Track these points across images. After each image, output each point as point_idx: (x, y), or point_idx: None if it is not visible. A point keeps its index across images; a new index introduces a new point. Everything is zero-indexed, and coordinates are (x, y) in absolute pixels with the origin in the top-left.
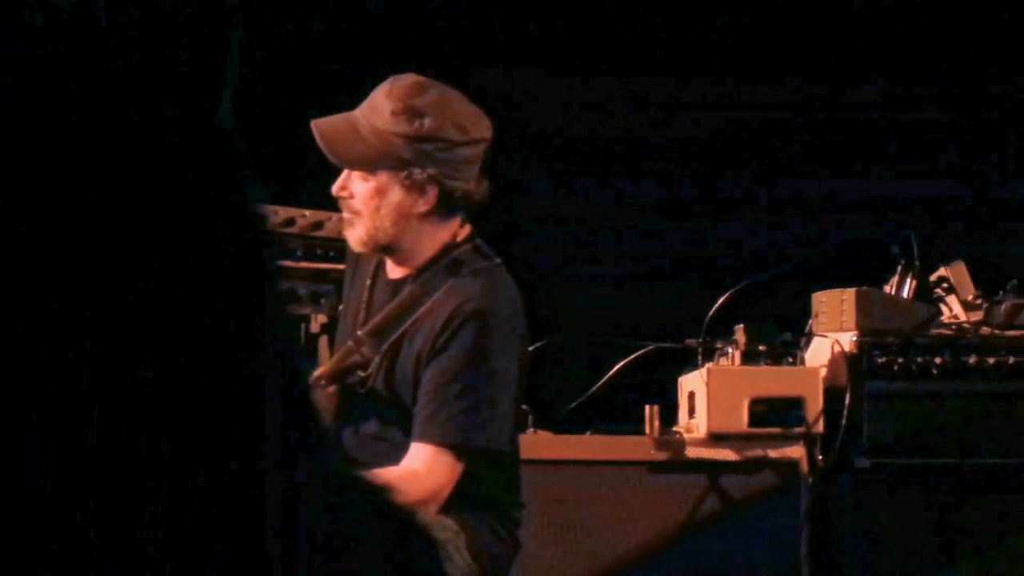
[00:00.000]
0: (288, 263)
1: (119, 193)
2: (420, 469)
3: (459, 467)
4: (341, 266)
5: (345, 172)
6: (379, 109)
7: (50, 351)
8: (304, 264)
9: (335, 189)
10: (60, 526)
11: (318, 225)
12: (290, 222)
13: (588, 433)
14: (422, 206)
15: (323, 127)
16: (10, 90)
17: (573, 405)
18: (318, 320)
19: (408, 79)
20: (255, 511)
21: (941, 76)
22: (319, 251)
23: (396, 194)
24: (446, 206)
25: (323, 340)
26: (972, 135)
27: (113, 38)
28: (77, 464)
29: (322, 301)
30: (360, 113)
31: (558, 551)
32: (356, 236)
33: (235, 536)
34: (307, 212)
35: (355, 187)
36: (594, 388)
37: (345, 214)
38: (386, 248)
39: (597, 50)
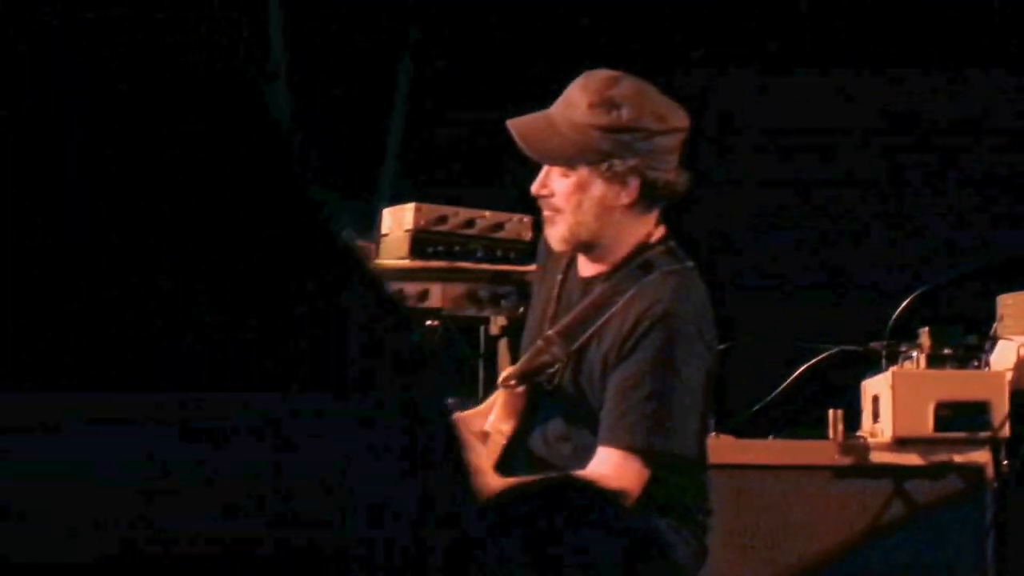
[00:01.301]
0: (468, 264)
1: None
2: (607, 473)
3: (646, 472)
4: (522, 268)
5: (544, 170)
6: (575, 103)
7: None
8: (485, 266)
9: (535, 188)
10: None
11: (499, 227)
12: (470, 223)
13: (771, 437)
14: (624, 198)
15: (519, 125)
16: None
17: (756, 408)
18: (498, 322)
19: (602, 73)
20: None
21: None
22: (499, 253)
23: (598, 187)
24: (648, 198)
25: (503, 343)
26: None
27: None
28: None
29: (502, 303)
30: (556, 110)
31: (740, 557)
32: (558, 234)
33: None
34: (487, 213)
35: (555, 184)
36: (777, 391)
37: (546, 212)
38: (586, 245)
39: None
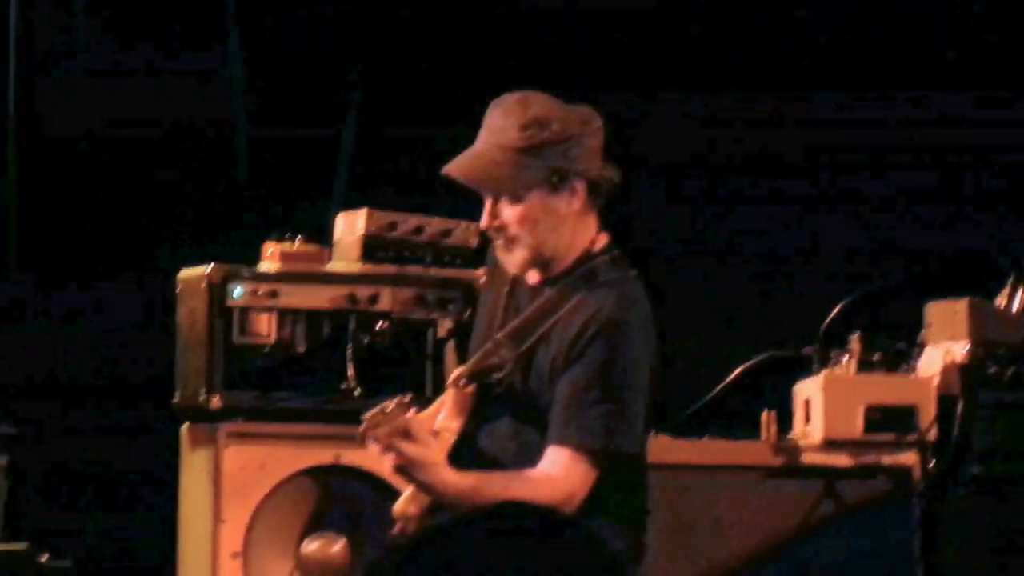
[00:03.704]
0: (417, 269)
1: None
2: (556, 473)
3: (594, 472)
4: (469, 273)
5: (488, 204)
6: (504, 129)
7: None
8: (433, 271)
9: (485, 223)
10: None
11: (446, 233)
12: (419, 230)
13: (706, 438)
14: (575, 204)
15: (461, 169)
16: None
17: (692, 410)
18: (445, 325)
19: (513, 96)
20: None
21: None
22: (447, 258)
23: (550, 203)
24: (592, 198)
25: (450, 345)
26: None
27: None
28: None
29: (449, 307)
30: (485, 144)
31: (675, 554)
32: (517, 259)
33: None
34: (435, 220)
35: (505, 214)
36: (712, 394)
37: (499, 242)
38: (546, 261)
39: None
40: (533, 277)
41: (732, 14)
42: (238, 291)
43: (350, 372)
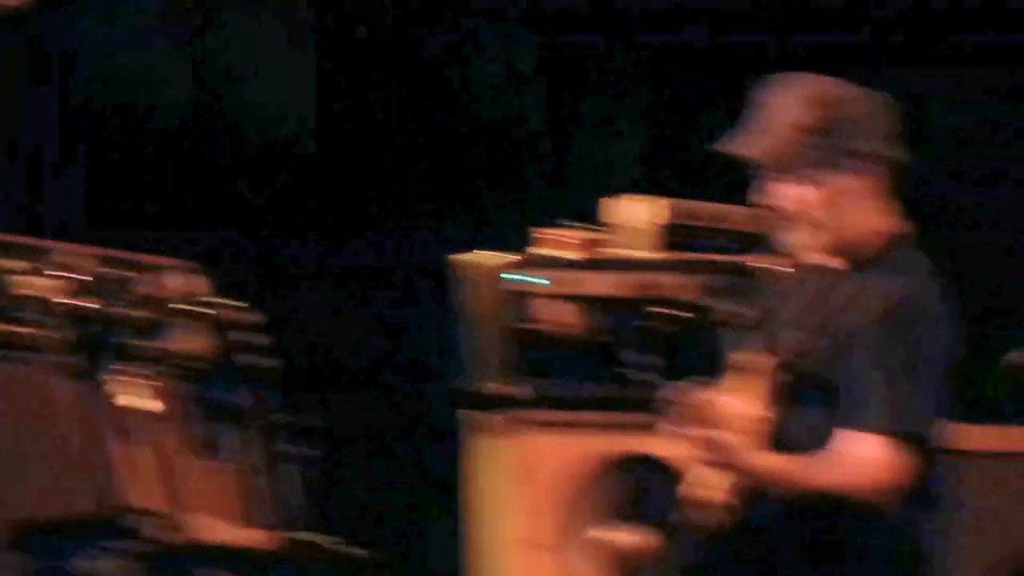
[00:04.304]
0: (715, 257)
1: None
2: (860, 456)
3: (897, 457)
4: (760, 259)
5: (767, 183)
6: (789, 108)
7: None
8: (730, 258)
9: (768, 203)
10: None
11: (741, 220)
12: (716, 217)
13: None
14: (866, 186)
15: (744, 147)
16: None
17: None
18: (738, 312)
19: (791, 75)
20: None
21: None
22: (743, 245)
23: (841, 184)
24: (883, 181)
25: (743, 332)
26: None
27: None
28: None
29: (742, 294)
30: (765, 122)
31: (982, 544)
32: (806, 243)
33: None
34: (731, 207)
35: (790, 195)
36: None
37: (784, 224)
38: (838, 245)
39: None
40: (823, 260)
41: None
42: (537, 279)
43: (646, 360)
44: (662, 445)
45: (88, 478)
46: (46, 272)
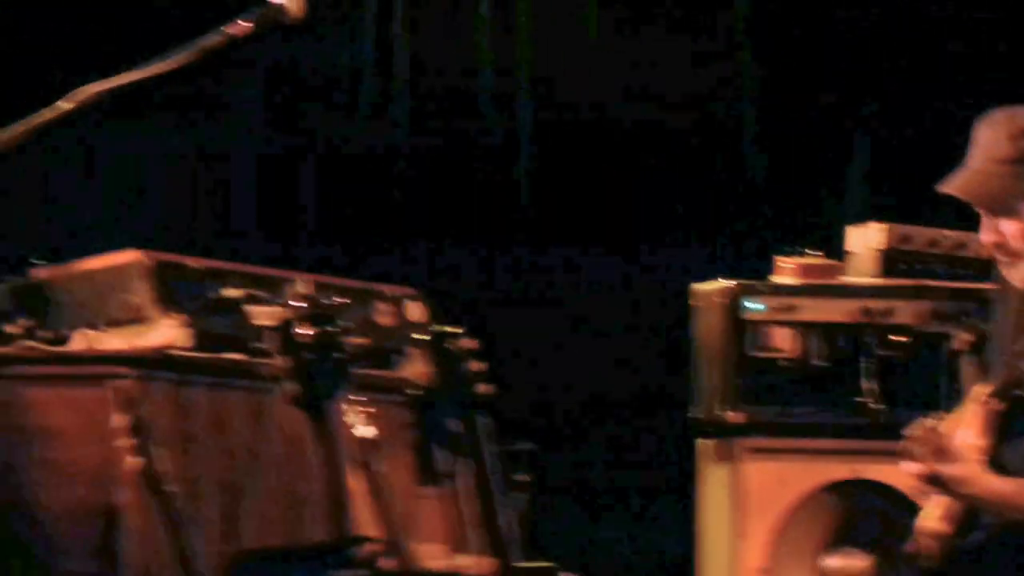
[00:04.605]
0: (934, 282)
1: None
2: None
3: None
4: (984, 285)
5: (986, 220)
6: (994, 143)
7: None
8: (947, 284)
9: (986, 239)
10: None
11: (961, 246)
12: (934, 242)
13: None
14: None
15: (955, 186)
16: None
17: None
18: (962, 338)
19: (998, 112)
20: None
21: None
22: (961, 270)
23: None
24: None
25: (967, 358)
26: None
27: None
28: None
29: (966, 320)
30: (975, 160)
31: None
32: (1021, 275)
33: None
34: (950, 233)
35: (1004, 228)
36: None
37: (1001, 258)
38: None
39: None
40: None
41: None
42: (756, 305)
43: (868, 386)
44: (889, 472)
45: (320, 506)
46: (281, 303)
